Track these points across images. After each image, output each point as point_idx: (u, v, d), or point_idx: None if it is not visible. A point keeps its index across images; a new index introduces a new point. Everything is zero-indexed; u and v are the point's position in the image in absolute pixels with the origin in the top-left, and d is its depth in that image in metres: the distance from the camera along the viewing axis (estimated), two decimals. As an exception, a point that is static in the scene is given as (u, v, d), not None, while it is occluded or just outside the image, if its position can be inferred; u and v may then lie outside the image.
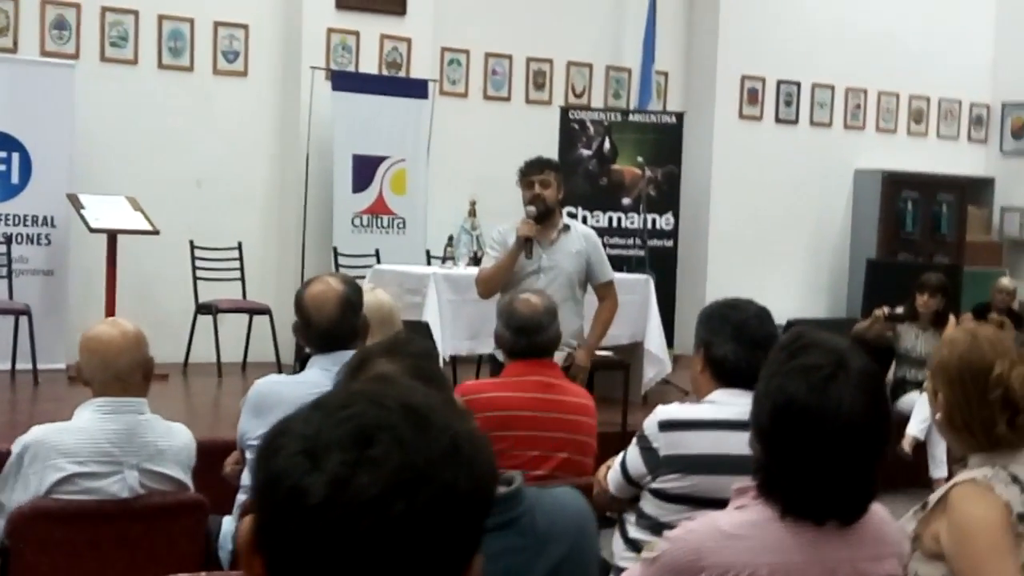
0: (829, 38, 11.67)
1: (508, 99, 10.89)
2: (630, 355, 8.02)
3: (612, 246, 10.23)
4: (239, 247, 9.38)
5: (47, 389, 7.96)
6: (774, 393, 2.25)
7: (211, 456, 3.89)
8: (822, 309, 11.70)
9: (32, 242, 8.69)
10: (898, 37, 11.92)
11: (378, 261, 9.14)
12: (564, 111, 10.64)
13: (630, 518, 3.38)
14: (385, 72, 10.07)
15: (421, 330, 7.27)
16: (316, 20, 9.75)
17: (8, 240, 8.52)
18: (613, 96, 11.31)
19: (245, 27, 9.69)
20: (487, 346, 6.27)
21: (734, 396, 3.14)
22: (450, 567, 1.16)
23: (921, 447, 7.32)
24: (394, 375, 2.07)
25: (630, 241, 10.30)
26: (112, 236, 8.39)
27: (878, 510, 2.32)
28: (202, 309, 8.98)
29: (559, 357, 5.89)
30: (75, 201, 8.44)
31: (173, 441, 3.53)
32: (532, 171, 6.02)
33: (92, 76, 9.04)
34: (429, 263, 9.33)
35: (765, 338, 3.08)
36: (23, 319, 8.13)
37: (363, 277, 8.55)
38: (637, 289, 8.39)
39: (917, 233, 12.05)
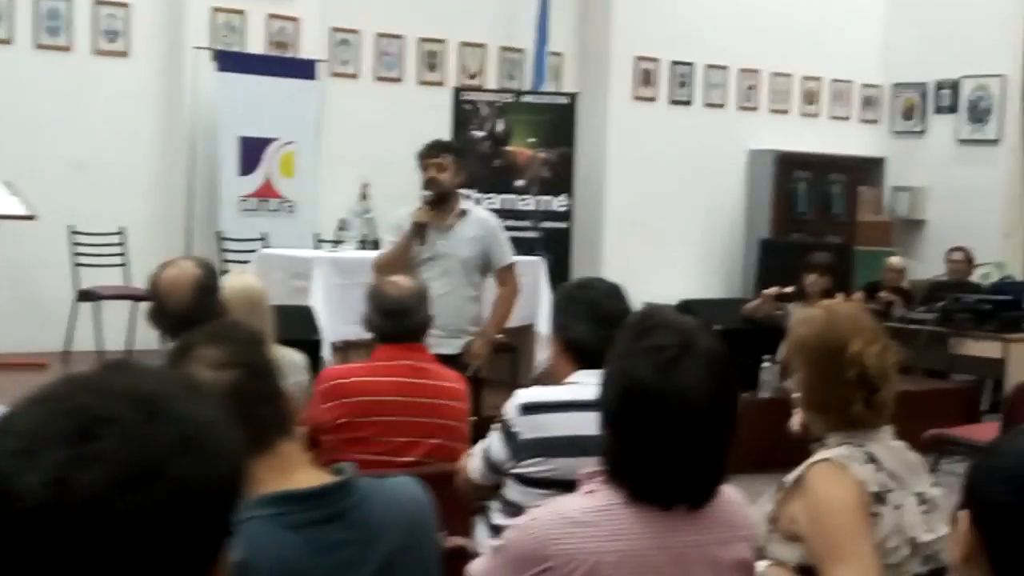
0: (723, 19, 11.69)
1: (400, 80, 10.74)
2: (522, 338, 7.95)
3: (506, 228, 10.14)
4: (121, 232, 9.13)
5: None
6: (620, 375, 2.17)
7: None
8: (717, 289, 11.73)
9: (-98, 228, 8.36)
10: (791, 18, 11.97)
11: (266, 245, 8.97)
12: (457, 92, 10.52)
13: (494, 505, 3.31)
14: (273, 52, 9.87)
15: (304, 315, 7.15)
16: (200, -1, 9.52)
17: None
18: (507, 77, 11.21)
19: (126, 6, 9.42)
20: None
21: (593, 376, 3.06)
22: (189, 567, 1.06)
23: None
24: (216, 361, 1.96)
25: (524, 223, 10.23)
26: (-15, 221, 8.13)
27: (729, 493, 2.26)
28: (83, 296, 8.74)
29: (456, 345, 5.81)
30: (-54, 186, 8.15)
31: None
32: (428, 154, 5.90)
33: (-36, 56, 8.74)
34: (318, 247, 9.16)
35: (619, 315, 3.01)
36: None
37: (249, 262, 8.41)
38: (529, 271, 8.30)
39: (810, 213, 12.14)
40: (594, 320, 3.18)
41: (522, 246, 9.71)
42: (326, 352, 7.17)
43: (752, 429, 7.04)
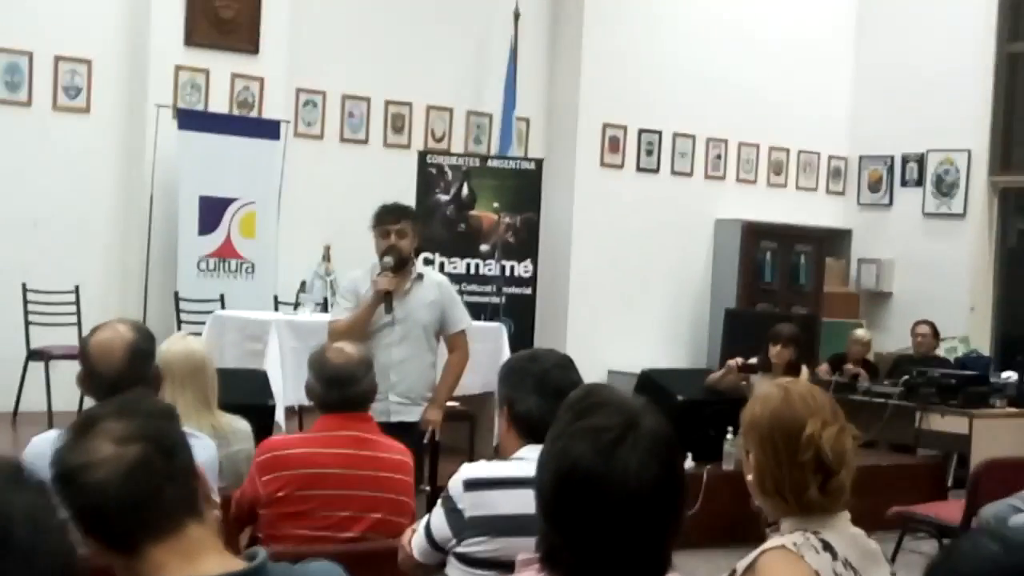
0: (691, 88, 11.69)
1: (366, 142, 10.66)
2: (481, 405, 7.80)
3: (469, 293, 10.06)
4: (76, 290, 8.95)
5: None
6: (556, 457, 2.03)
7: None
8: (682, 359, 11.63)
9: None
10: (758, 89, 11.99)
11: (223, 307, 8.81)
12: (422, 155, 10.44)
13: (435, 585, 3.15)
14: (236, 112, 9.77)
15: (258, 379, 6.98)
16: (164, 57, 9.42)
17: None
18: (474, 141, 11.15)
19: (88, 62, 9.32)
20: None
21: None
22: None
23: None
24: (121, 435, 1.81)
25: (488, 288, 10.13)
26: (-64, 278, 7.96)
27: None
28: (33, 355, 8.54)
29: (418, 412, 5.65)
30: None
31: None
32: (387, 220, 5.74)
33: (-80, 109, 8.60)
34: (277, 309, 9.01)
35: (569, 387, 2.86)
36: None
37: (203, 323, 8.25)
38: (490, 337, 8.19)
39: (776, 283, 12.08)
40: (543, 393, 3.06)
41: (485, 312, 9.64)
42: (280, 417, 7.01)
43: (715, 502, 6.98)
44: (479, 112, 11.14)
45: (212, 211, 9.33)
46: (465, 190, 10.38)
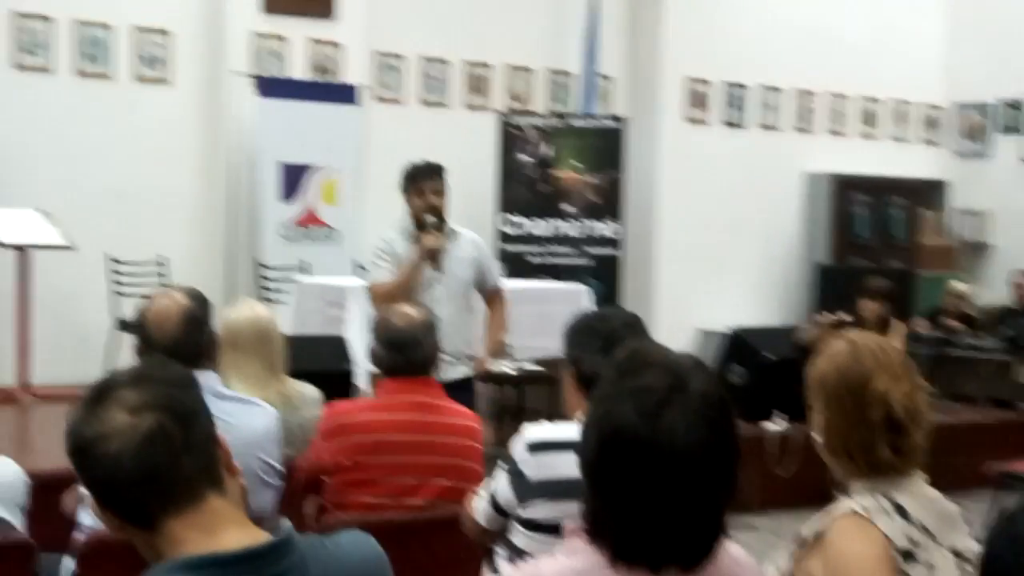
0: (777, 39, 11.40)
1: (446, 105, 10.56)
2: (560, 368, 7.68)
3: (552, 254, 9.97)
4: (160, 261, 9.01)
5: (-47, 413, 7.56)
6: (600, 421, 1.91)
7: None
8: (773, 316, 11.41)
9: (-61, 259, 8.29)
10: (848, 38, 11.66)
11: (306, 274, 8.79)
12: (503, 116, 10.32)
13: (501, 551, 3.06)
14: (315, 78, 9.73)
15: (338, 345, 6.95)
16: (241, 24, 9.40)
17: (-88, 256, 8.12)
18: (556, 101, 11.00)
19: (167, 33, 9.33)
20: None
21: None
22: None
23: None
24: (135, 404, 1.73)
25: (571, 249, 10.00)
26: (23, 251, 8.04)
27: (730, 551, 1.99)
28: (122, 325, 8.61)
29: (463, 370, 5.57)
30: (-17, 215, 8.08)
31: (-8, 475, 3.18)
32: (424, 178, 5.63)
33: (4, 84, 8.68)
34: (360, 275, 8.97)
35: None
36: (-72, 339, 7.74)
37: (285, 291, 8.24)
38: (572, 299, 8.07)
39: (869, 237, 11.78)
40: (610, 352, 2.92)
41: (569, 273, 9.52)
42: (362, 382, 6.96)
43: (810, 463, 6.81)
44: (560, 71, 10.98)
45: (293, 178, 9.32)
46: (547, 150, 10.25)
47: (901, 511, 2.28)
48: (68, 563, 3.36)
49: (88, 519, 3.29)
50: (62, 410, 3.36)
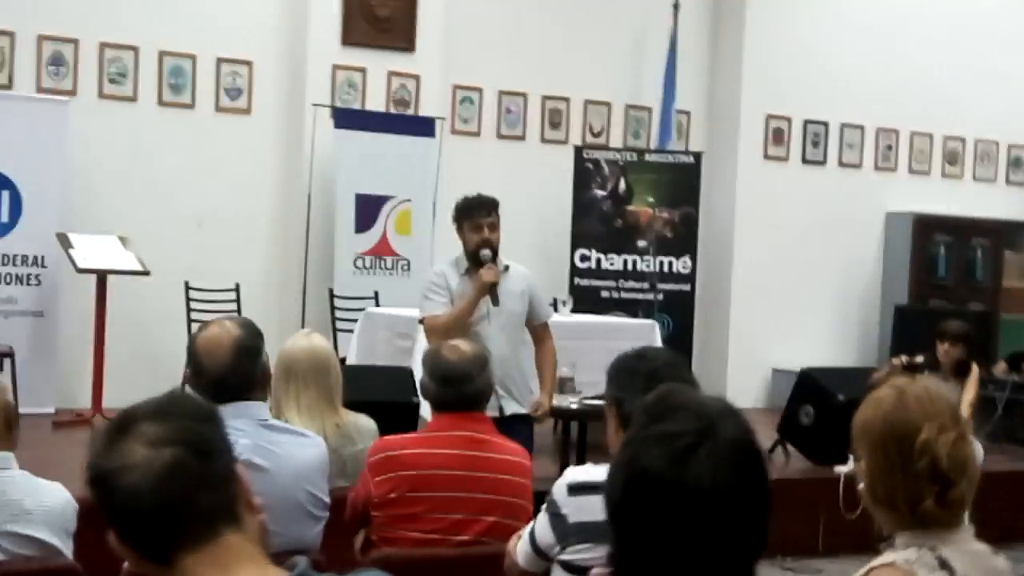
0: (858, 76, 11.27)
1: (523, 138, 10.59)
2: (631, 404, 7.62)
3: (626, 290, 9.92)
4: (236, 288, 9.12)
5: (29, 435, 7.52)
6: (628, 464, 1.88)
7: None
8: (850, 357, 11.23)
9: (21, 282, 8.48)
10: (932, 75, 11.50)
11: (377, 304, 8.84)
12: (578, 150, 10.32)
13: (541, 594, 3.02)
14: (393, 110, 9.81)
15: (405, 377, 6.95)
16: (321, 57, 9.52)
17: (-5, 280, 8.32)
18: (632, 136, 10.97)
19: (249, 63, 9.49)
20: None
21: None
22: None
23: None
24: (155, 438, 1.73)
25: (645, 285, 9.94)
26: (102, 276, 8.19)
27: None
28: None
29: (526, 404, 5.54)
30: (64, 240, 8.25)
31: (43, 500, 3.20)
32: (480, 213, 5.63)
33: (89, 113, 8.86)
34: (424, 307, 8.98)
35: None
36: (7, 361, 7.89)
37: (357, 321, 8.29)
38: (643, 335, 8.00)
39: (950, 279, 11.56)
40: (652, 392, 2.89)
41: (641, 308, 9.46)
42: (426, 413, 6.96)
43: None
44: (638, 106, 10.96)
45: (368, 209, 9.39)
46: (622, 185, 10.22)
47: (945, 566, 2.21)
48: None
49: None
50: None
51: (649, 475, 1.83)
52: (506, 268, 5.65)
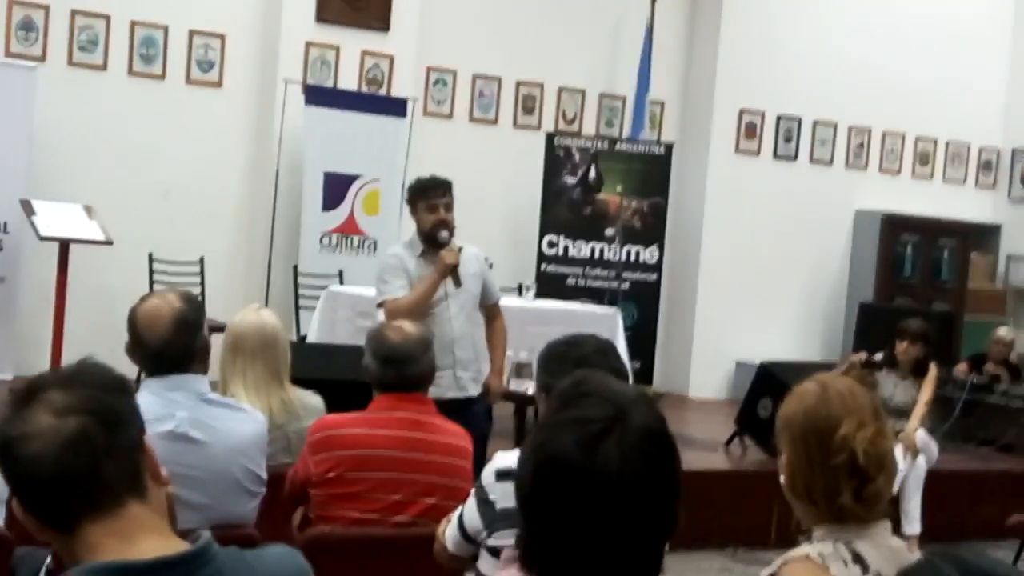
0: (833, 74, 11.29)
1: (495, 122, 10.57)
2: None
3: (593, 277, 9.93)
4: (201, 262, 9.08)
5: (-15, 400, 7.62)
6: (538, 449, 1.88)
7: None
8: (815, 353, 11.28)
9: (-17, 248, 8.43)
10: (907, 75, 11.52)
11: (341, 282, 8.82)
12: (550, 137, 10.31)
13: (469, 578, 3.03)
14: (365, 89, 9.78)
15: (360, 355, 6.94)
16: (295, 33, 9.48)
17: (-43, 245, 8.27)
18: (606, 124, 10.97)
19: (221, 37, 9.43)
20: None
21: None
22: None
23: (895, 502, 6.94)
24: (61, 406, 1.73)
25: (611, 273, 9.96)
26: (64, 245, 8.13)
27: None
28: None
29: (478, 387, 5.54)
30: (27, 207, 8.17)
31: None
32: (436, 194, 5.61)
33: (57, 80, 8.81)
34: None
35: (610, 373, 2.72)
36: (-35, 326, 7.85)
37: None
38: (605, 323, 8.03)
39: (916, 278, 11.62)
40: None
41: (606, 296, 9.47)
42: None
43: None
44: (612, 95, 10.96)
45: (337, 187, 9.37)
46: (592, 173, 10.22)
47: (859, 560, 2.23)
48: (48, 559, 3.37)
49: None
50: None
51: (559, 460, 1.84)
52: (460, 249, 5.64)
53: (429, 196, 5.57)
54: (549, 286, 9.38)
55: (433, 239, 5.49)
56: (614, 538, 1.83)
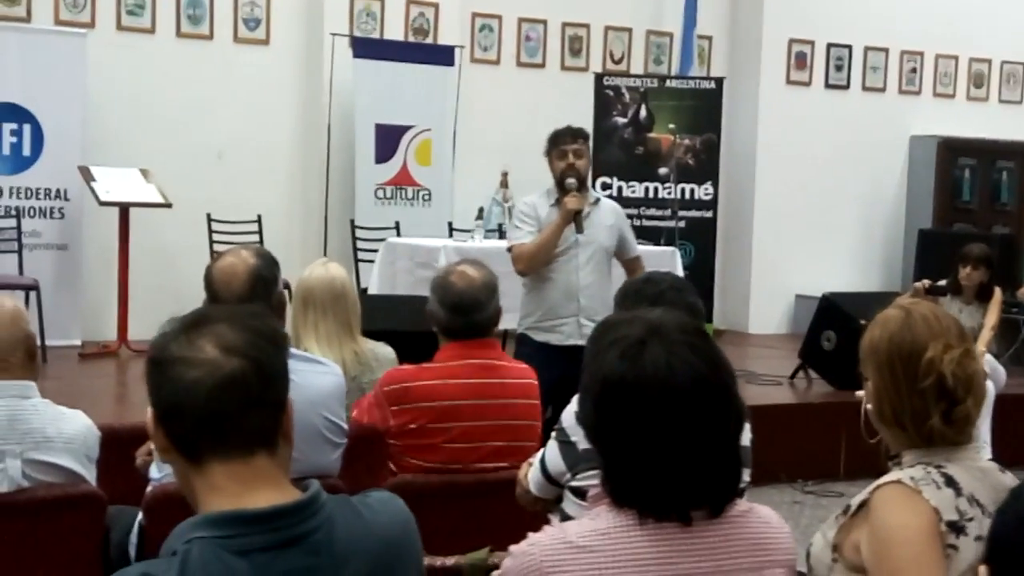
0: (882, -1, 11.14)
1: (543, 66, 10.52)
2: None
3: (648, 217, 9.91)
4: (259, 220, 9.15)
5: (56, 366, 7.74)
6: (590, 381, 1.92)
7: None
8: (874, 282, 11.20)
9: (45, 216, 8.53)
10: (956, -3, 11.35)
11: (398, 234, 8.86)
12: (599, 78, 10.25)
13: (554, 519, 3.05)
14: (412, 39, 9.76)
15: (423, 306, 6.97)
16: (339, -14, 9.46)
17: (19, 214, 8.36)
18: (654, 62, 10.88)
19: (266, -7, 9.44)
20: (508, 321, 5.76)
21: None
22: None
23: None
24: (228, 344, 1.71)
25: (666, 212, 9.92)
26: (124, 209, 8.22)
27: (759, 511, 1.98)
28: (216, 283, 8.74)
29: None
30: (86, 173, 8.28)
31: (64, 428, 3.24)
32: (565, 140, 5.61)
33: (107, 45, 8.85)
34: (452, 236, 9.01)
35: (685, 309, 2.73)
36: (32, 294, 7.96)
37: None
38: (664, 262, 7.99)
39: (975, 202, 11.48)
40: None
41: (662, 236, 9.44)
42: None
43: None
44: (659, 31, 10.86)
45: (388, 139, 9.38)
46: (643, 112, 10.16)
47: (951, 482, 2.23)
48: (140, 516, 3.44)
49: (157, 473, 3.36)
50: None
51: (610, 379, 1.88)
52: (596, 201, 5.64)
53: (559, 143, 5.61)
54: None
55: (563, 185, 5.49)
56: (686, 437, 1.86)
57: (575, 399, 3.04)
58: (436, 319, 3.77)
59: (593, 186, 10.01)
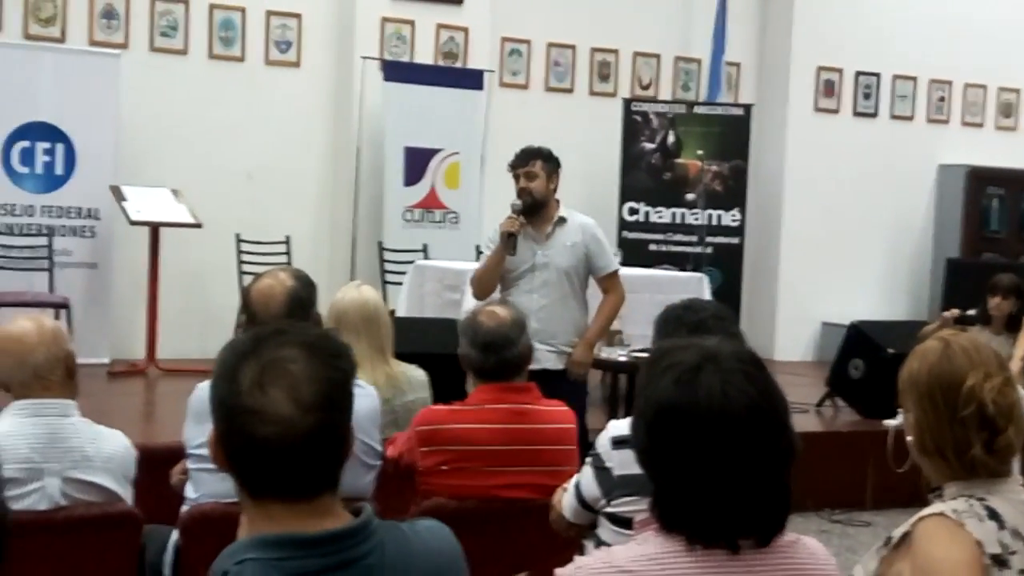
0: (911, 28, 11.12)
1: (571, 91, 10.56)
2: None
3: (675, 243, 9.92)
4: (287, 241, 9.20)
5: (84, 384, 7.66)
6: (644, 406, 1.92)
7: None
8: (901, 311, 11.16)
9: (76, 234, 8.60)
10: (986, 26, 11.32)
11: (426, 257, 8.89)
12: (627, 103, 10.28)
13: (588, 545, 3.05)
14: (442, 63, 9.81)
15: (453, 328, 6.99)
16: (370, 9, 9.53)
17: (50, 232, 8.43)
18: (682, 88, 10.91)
19: (298, 16, 9.51)
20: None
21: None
22: None
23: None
24: (310, 405, 1.67)
25: (694, 238, 9.92)
26: (154, 229, 8.28)
27: (807, 544, 1.98)
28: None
29: (561, 360, 5.51)
30: (117, 193, 8.35)
31: (104, 447, 3.27)
32: (517, 163, 5.66)
33: (140, 66, 8.93)
34: (479, 259, 9.01)
35: (727, 338, 2.73)
36: (63, 312, 8.01)
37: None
38: (691, 288, 8.00)
39: (1003, 231, 11.45)
40: None
41: (689, 261, 9.45)
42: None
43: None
44: (687, 58, 10.89)
45: (417, 162, 9.42)
46: (671, 138, 10.18)
47: (993, 515, 2.23)
48: (175, 535, 3.46)
49: (193, 493, 3.38)
50: (186, 385, 3.46)
51: (664, 405, 1.88)
52: (561, 220, 5.63)
53: (513, 167, 5.66)
54: (632, 253, 9.37)
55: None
56: (738, 465, 1.85)
57: (610, 426, 3.05)
58: (468, 361, 3.74)
59: (620, 211, 10.10)
